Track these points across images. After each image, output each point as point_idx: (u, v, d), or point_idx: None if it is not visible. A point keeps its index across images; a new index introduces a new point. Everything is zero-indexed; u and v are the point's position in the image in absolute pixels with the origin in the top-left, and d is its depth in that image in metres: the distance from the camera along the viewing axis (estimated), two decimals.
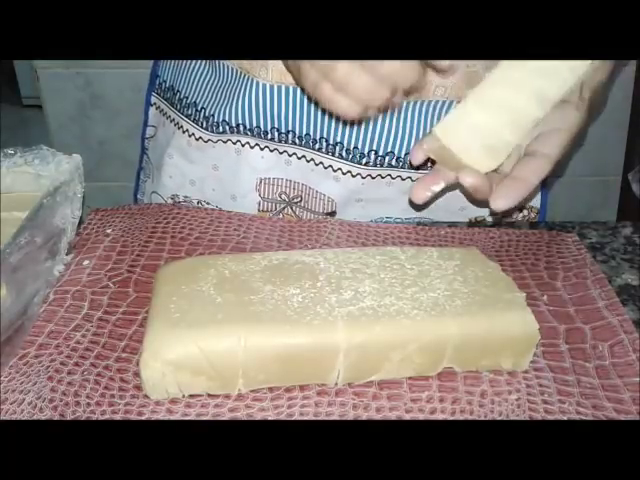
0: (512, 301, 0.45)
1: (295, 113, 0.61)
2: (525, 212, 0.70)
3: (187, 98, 0.67)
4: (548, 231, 0.61)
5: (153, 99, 0.73)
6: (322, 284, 0.46)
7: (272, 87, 0.60)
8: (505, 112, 0.50)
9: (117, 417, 0.41)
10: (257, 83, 0.61)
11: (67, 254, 0.54)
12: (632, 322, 0.49)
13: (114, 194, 1.21)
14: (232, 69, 0.63)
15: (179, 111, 0.68)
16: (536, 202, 0.71)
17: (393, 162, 0.62)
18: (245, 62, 0.61)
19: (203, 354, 0.41)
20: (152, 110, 0.74)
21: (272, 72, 0.60)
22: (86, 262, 0.54)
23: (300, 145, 0.63)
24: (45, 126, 1.25)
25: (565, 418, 0.42)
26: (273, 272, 0.47)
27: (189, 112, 0.67)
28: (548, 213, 0.73)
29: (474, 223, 0.65)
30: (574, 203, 1.34)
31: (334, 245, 0.58)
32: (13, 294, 0.44)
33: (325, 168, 0.63)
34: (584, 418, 0.42)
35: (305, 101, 0.60)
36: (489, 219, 0.67)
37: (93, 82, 1.19)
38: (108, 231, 0.59)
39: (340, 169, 0.63)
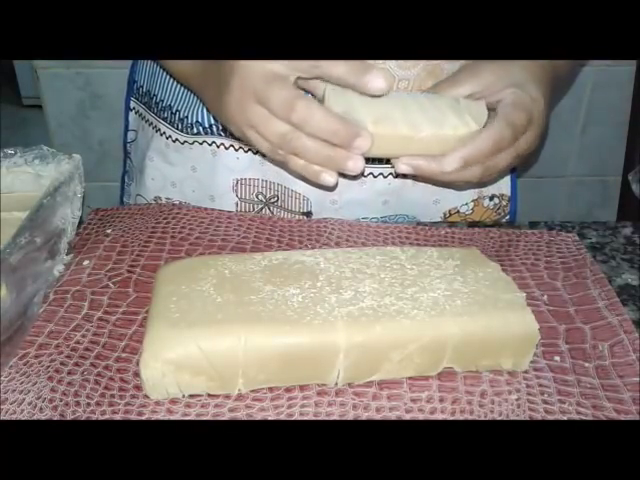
0: (512, 301, 0.45)
1: None
2: (496, 200, 0.71)
3: (162, 101, 0.69)
4: (548, 231, 0.61)
5: (132, 104, 0.75)
6: (322, 284, 0.46)
7: None
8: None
9: (117, 417, 0.41)
10: None
11: (67, 254, 0.54)
12: (632, 322, 0.49)
13: (114, 194, 1.20)
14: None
15: (156, 114, 0.70)
16: (506, 189, 0.72)
17: None
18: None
19: (203, 354, 0.41)
20: (132, 114, 0.75)
21: None
22: (86, 262, 0.54)
23: None
24: (45, 126, 1.25)
25: (565, 418, 0.42)
26: (273, 272, 0.47)
27: (165, 115, 0.68)
28: (519, 200, 0.74)
29: (474, 223, 0.65)
30: (574, 203, 1.34)
31: (334, 245, 0.58)
32: (13, 294, 0.44)
33: None
34: (584, 418, 0.42)
35: None
36: (462, 209, 0.68)
37: (93, 82, 1.19)
38: (108, 231, 0.59)
39: None
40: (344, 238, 0.59)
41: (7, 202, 0.53)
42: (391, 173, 0.63)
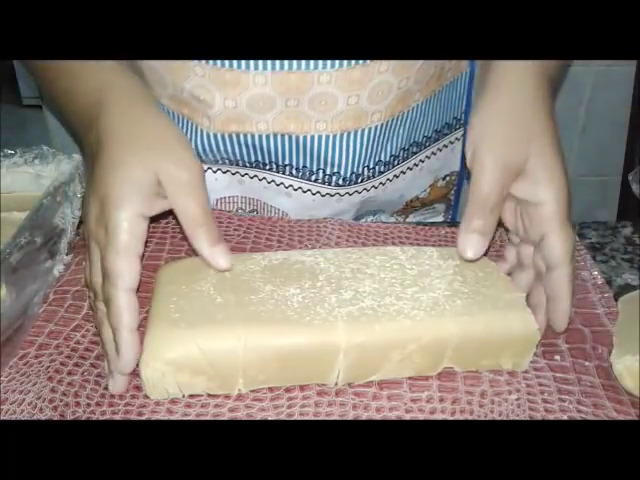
0: (512, 301, 0.45)
1: (242, 152, 0.62)
2: (448, 178, 0.74)
3: None
4: None
5: None
6: (322, 284, 0.46)
7: (216, 135, 0.61)
8: None
9: (117, 417, 0.41)
10: (201, 131, 0.61)
11: (67, 254, 0.54)
12: None
13: None
14: (177, 116, 0.62)
15: None
16: (456, 166, 0.73)
17: (340, 181, 0.64)
18: (185, 109, 0.61)
19: (203, 354, 0.41)
20: None
21: (214, 122, 0.60)
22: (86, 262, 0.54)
23: (251, 167, 0.64)
24: (45, 126, 1.25)
25: (565, 417, 0.42)
26: (273, 272, 0.47)
27: None
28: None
29: None
30: (574, 203, 1.34)
31: (334, 245, 0.58)
32: (13, 294, 0.44)
33: (277, 185, 0.65)
34: (584, 417, 0.42)
35: (250, 144, 0.61)
36: (421, 195, 0.72)
37: None
38: None
39: (291, 186, 0.64)
40: (344, 238, 0.59)
41: (7, 202, 0.53)
42: (365, 188, 0.65)
